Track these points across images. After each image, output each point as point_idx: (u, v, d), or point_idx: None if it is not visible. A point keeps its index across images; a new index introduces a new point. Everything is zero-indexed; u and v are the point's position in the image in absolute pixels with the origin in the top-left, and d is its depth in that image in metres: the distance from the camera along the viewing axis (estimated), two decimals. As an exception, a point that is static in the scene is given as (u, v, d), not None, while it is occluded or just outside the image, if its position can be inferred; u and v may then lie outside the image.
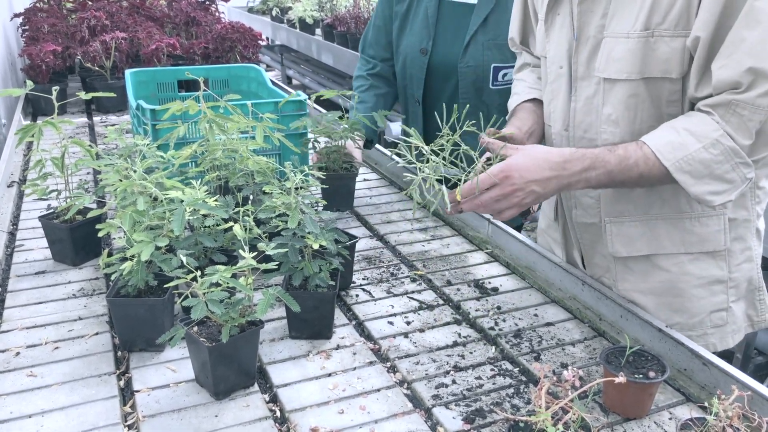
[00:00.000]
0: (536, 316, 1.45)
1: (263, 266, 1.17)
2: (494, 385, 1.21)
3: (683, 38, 1.24)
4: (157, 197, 1.32)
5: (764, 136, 1.21)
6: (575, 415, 0.95)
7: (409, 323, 1.41)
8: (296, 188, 1.33)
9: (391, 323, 1.41)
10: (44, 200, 1.95)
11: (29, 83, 1.74)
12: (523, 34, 1.68)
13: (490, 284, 1.58)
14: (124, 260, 1.27)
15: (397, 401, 1.16)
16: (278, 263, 1.29)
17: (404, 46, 2.17)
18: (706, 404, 1.08)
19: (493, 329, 1.39)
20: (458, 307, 1.48)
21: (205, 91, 1.60)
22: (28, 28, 3.63)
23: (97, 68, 3.26)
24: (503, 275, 1.63)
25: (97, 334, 1.35)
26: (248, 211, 1.29)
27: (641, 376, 1.10)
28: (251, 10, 9.36)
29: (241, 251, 1.15)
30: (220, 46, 3.53)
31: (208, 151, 1.60)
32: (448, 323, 1.41)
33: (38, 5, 3.94)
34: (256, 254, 1.15)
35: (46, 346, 1.31)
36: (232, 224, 1.24)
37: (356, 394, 1.18)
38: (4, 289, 1.53)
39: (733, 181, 1.24)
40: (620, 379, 0.97)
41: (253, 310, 1.19)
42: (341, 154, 1.89)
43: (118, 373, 1.23)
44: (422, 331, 1.38)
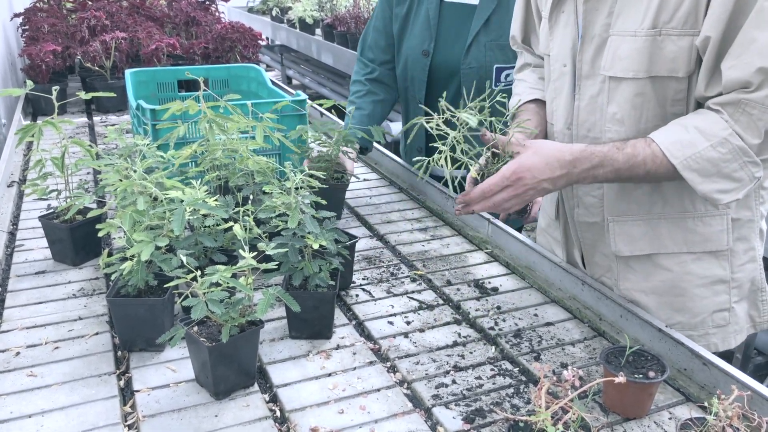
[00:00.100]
0: (536, 316, 1.45)
1: (263, 266, 1.17)
2: (494, 384, 1.21)
3: (690, 37, 1.24)
4: (157, 197, 1.32)
5: None
6: (575, 414, 0.95)
7: (409, 323, 1.41)
8: (296, 188, 1.33)
9: (391, 323, 1.41)
10: (44, 200, 1.95)
11: (29, 83, 1.74)
12: (524, 32, 1.68)
13: (490, 284, 1.58)
14: (124, 260, 1.27)
15: (397, 401, 1.16)
16: (278, 263, 1.29)
17: (405, 48, 2.16)
18: (705, 404, 1.08)
19: (493, 329, 1.39)
20: (458, 307, 1.48)
21: (205, 91, 1.60)
22: (28, 28, 3.63)
23: (97, 68, 3.26)
24: (503, 275, 1.63)
25: (97, 334, 1.35)
26: (248, 211, 1.29)
27: (641, 376, 1.10)
28: (251, 10, 9.36)
29: (241, 251, 1.15)
30: (220, 46, 3.53)
31: (208, 151, 1.60)
32: (448, 323, 1.42)
33: (38, 5, 3.93)
34: (256, 254, 1.16)
35: (46, 346, 1.31)
36: (232, 224, 1.24)
37: (356, 394, 1.18)
38: (4, 289, 1.53)
39: (741, 179, 1.24)
40: (620, 379, 0.97)
41: (253, 310, 1.19)
42: (333, 163, 1.86)
43: (118, 373, 1.23)
44: (422, 331, 1.38)
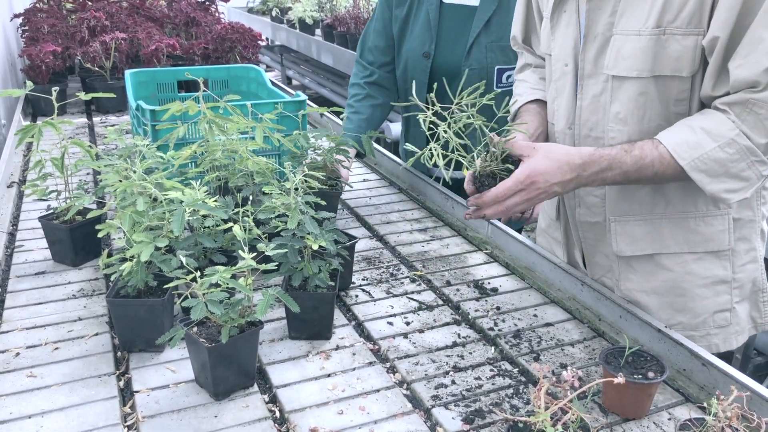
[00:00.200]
0: (536, 316, 1.45)
1: (263, 267, 1.17)
2: (493, 385, 1.21)
3: (695, 36, 1.24)
4: (156, 198, 1.32)
5: None
6: (574, 415, 0.95)
7: (408, 324, 1.41)
8: (296, 189, 1.33)
9: (390, 324, 1.41)
10: (44, 201, 1.95)
11: (29, 84, 1.74)
12: (525, 32, 1.68)
13: (489, 285, 1.58)
14: (123, 261, 1.27)
15: (396, 402, 1.16)
16: (278, 264, 1.29)
17: (406, 50, 2.15)
18: (705, 405, 1.08)
19: (492, 330, 1.39)
20: (458, 307, 1.48)
21: (204, 91, 1.60)
22: (27, 28, 3.63)
23: (96, 69, 3.26)
24: (503, 276, 1.63)
25: (96, 334, 1.35)
26: (248, 211, 1.29)
27: (640, 376, 1.10)
28: (251, 10, 9.36)
29: (240, 252, 1.15)
30: (219, 46, 3.53)
31: (207, 151, 1.60)
32: (447, 324, 1.42)
33: (38, 5, 3.94)
34: (255, 255, 1.16)
35: (45, 346, 1.31)
36: (231, 225, 1.25)
37: (356, 394, 1.18)
38: (4, 289, 1.53)
39: (749, 178, 1.25)
40: (619, 379, 0.97)
41: (252, 310, 1.19)
42: (327, 170, 1.84)
43: (117, 373, 1.23)
44: (422, 331, 1.38)
